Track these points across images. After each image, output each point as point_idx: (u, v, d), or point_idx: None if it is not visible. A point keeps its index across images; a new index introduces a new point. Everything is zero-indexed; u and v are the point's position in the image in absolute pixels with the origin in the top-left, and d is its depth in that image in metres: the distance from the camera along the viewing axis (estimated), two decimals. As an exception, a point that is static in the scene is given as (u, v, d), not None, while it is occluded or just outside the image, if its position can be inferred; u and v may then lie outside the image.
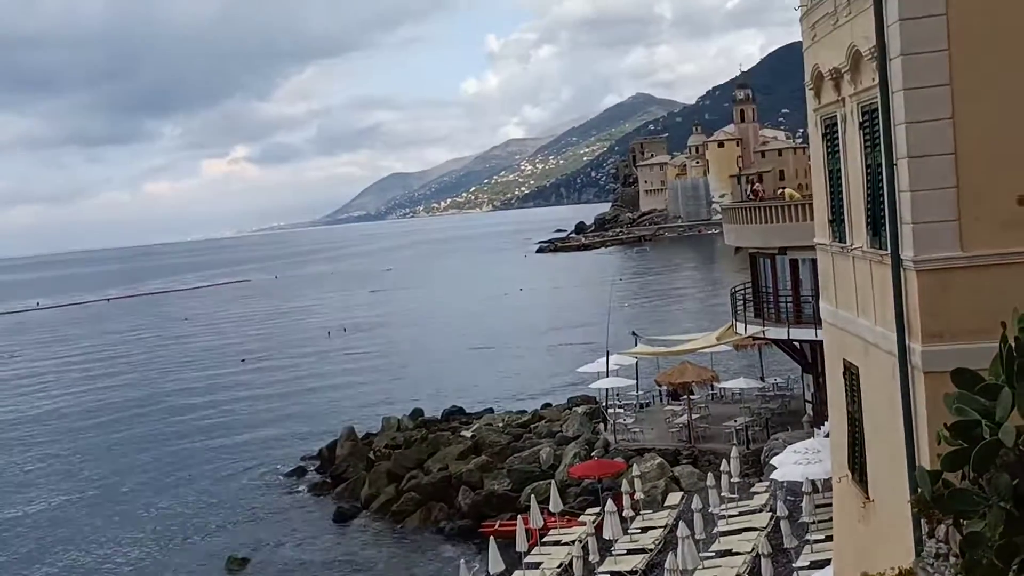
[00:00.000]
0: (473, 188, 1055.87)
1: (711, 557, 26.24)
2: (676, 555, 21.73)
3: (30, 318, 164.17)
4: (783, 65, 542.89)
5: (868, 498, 13.89)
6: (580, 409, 45.93)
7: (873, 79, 11.22)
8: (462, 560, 26.92)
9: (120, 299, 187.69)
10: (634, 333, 49.59)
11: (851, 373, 14.24)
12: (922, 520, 7.38)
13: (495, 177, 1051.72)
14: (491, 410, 53.85)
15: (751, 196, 45.86)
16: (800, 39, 15.40)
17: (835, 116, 13.49)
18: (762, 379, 44.29)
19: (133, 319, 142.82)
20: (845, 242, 13.60)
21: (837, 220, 14.05)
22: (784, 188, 54.61)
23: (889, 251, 11.16)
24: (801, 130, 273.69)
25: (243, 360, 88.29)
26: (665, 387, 42.78)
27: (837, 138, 13.52)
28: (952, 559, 5.86)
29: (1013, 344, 5.48)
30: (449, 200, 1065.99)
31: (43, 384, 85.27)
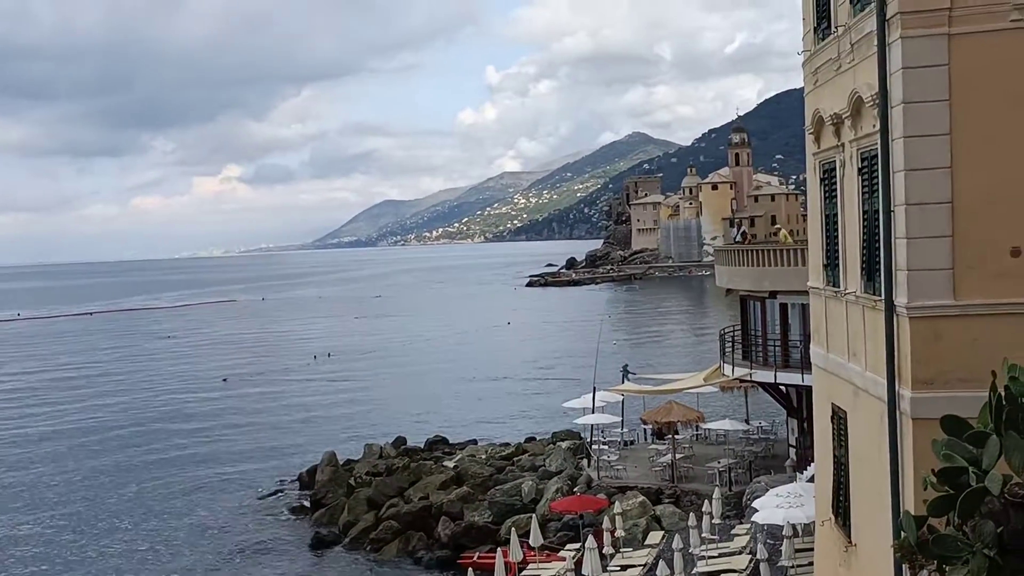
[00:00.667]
0: (466, 219, 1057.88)
1: (690, 598, 26.15)
2: (655, 594, 21.62)
3: (9, 329, 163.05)
4: (779, 111, 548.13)
5: (851, 542, 13.90)
6: (564, 444, 45.80)
7: (874, 126, 11.35)
8: (439, 590, 26.73)
9: (103, 314, 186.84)
10: (625, 367, 49.58)
11: (839, 417, 14.29)
12: (904, 565, 7.42)
13: (488, 209, 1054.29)
14: (475, 441, 53.65)
15: (740, 240, 46.05)
16: (798, 86, 15.59)
17: (834, 161, 13.62)
18: (747, 421, 44.29)
19: (115, 334, 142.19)
20: (839, 286, 13.69)
21: (832, 264, 14.15)
22: (779, 228, 54.98)
23: (883, 297, 11.24)
24: (794, 177, 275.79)
25: (225, 380, 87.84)
26: (650, 425, 42.74)
27: (835, 183, 13.65)
28: (933, 605, 5.88)
29: (1003, 393, 5.53)
30: (441, 230, 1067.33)
31: (16, 399, 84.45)
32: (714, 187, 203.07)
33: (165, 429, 65.94)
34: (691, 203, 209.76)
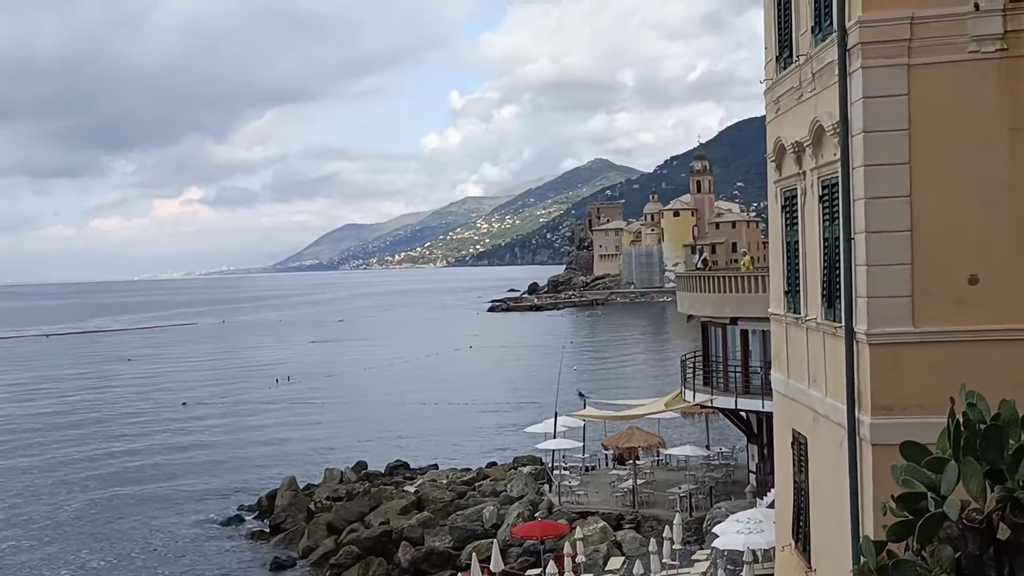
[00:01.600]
0: (428, 243, 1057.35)
1: (650, 624, 26.11)
2: (616, 620, 21.58)
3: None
4: (740, 139, 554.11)
5: (810, 567, 13.96)
6: (525, 469, 45.71)
7: (835, 154, 11.50)
8: (399, 616, 26.49)
9: (60, 335, 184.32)
10: (580, 393, 49.64)
11: (799, 443, 14.38)
12: (865, 591, 7.49)
13: (451, 233, 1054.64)
14: (436, 466, 53.40)
15: (701, 266, 46.34)
16: (759, 114, 15.75)
17: (795, 189, 13.77)
18: (708, 447, 44.42)
19: (72, 356, 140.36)
20: (800, 313, 13.80)
21: (792, 291, 14.27)
22: (745, 252, 55.34)
23: (843, 323, 11.35)
24: (755, 204, 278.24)
25: (184, 403, 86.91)
26: (611, 451, 42.75)
27: (796, 210, 13.79)
28: (894, 630, 5.92)
29: (961, 420, 5.60)
30: (403, 254, 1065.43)
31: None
32: (676, 214, 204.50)
33: (123, 453, 65.02)
34: (653, 229, 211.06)
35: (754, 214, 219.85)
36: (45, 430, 75.76)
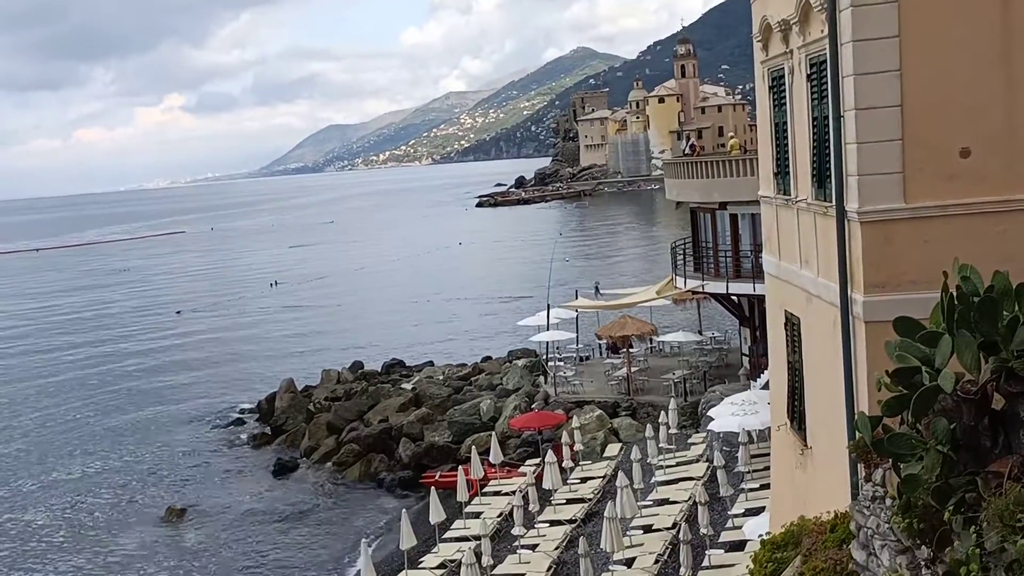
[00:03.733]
0: (412, 141, 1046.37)
1: (649, 506, 26.68)
2: (615, 504, 22.00)
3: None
4: (724, 21, 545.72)
5: (806, 445, 14.18)
6: (520, 362, 46.11)
7: (822, 31, 11.28)
8: (404, 510, 26.99)
9: (49, 250, 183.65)
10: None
11: (792, 324, 14.46)
12: (859, 465, 7.58)
13: (435, 130, 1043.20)
14: (431, 363, 53.81)
15: (689, 152, 46.02)
16: (743, -6, 15.39)
17: (782, 68, 13.55)
18: (700, 333, 44.83)
19: (63, 270, 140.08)
20: (790, 194, 13.73)
21: (782, 173, 14.17)
22: (732, 136, 54.95)
23: (834, 203, 11.30)
24: (740, 86, 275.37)
25: (178, 312, 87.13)
26: (605, 340, 43.11)
27: (784, 91, 13.60)
28: (888, 501, 6.01)
29: (954, 293, 5.60)
30: (388, 153, 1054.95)
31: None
32: (661, 100, 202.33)
33: (120, 363, 65.41)
34: (638, 117, 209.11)
35: (740, 97, 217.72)
36: (41, 345, 76.03)
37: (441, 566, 25.39)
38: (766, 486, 21.97)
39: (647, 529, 24.95)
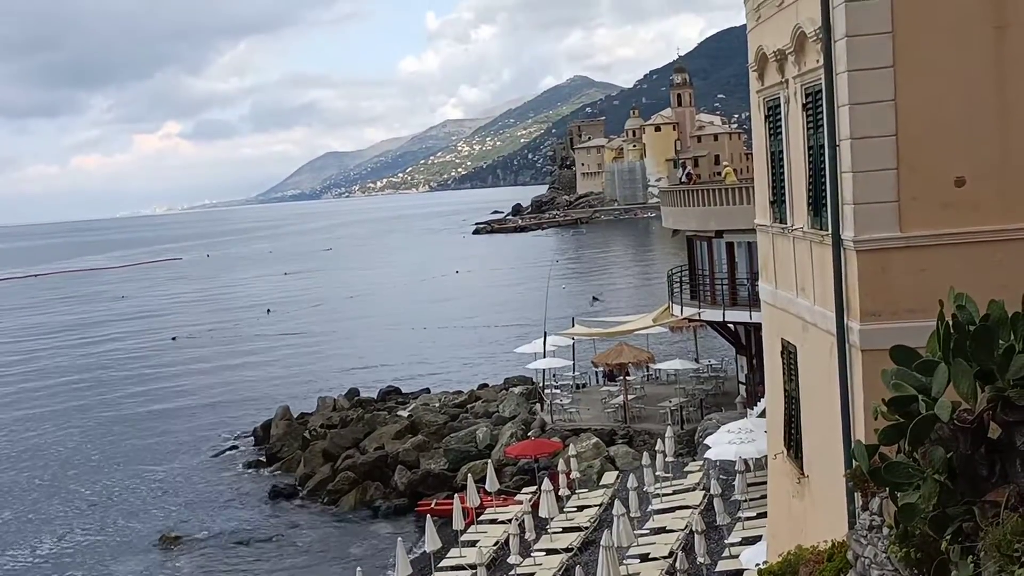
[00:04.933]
0: (409, 168, 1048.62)
1: (646, 534, 26.56)
2: (611, 533, 21.91)
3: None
4: (720, 50, 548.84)
5: (803, 474, 14.14)
6: (517, 389, 46.03)
7: (817, 60, 11.36)
8: (399, 538, 26.87)
9: (48, 276, 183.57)
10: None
11: (789, 352, 14.46)
12: (856, 493, 7.56)
13: (432, 157, 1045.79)
14: (428, 390, 53.75)
15: (685, 180, 46.18)
16: (738, 24, 15.49)
17: (778, 98, 13.63)
18: (697, 360, 44.80)
19: (61, 296, 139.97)
20: (786, 223, 13.77)
21: (778, 201, 14.21)
22: (726, 166, 55.13)
23: (830, 231, 11.33)
24: (736, 115, 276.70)
25: (174, 338, 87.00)
26: (602, 368, 43.08)
27: (780, 120, 13.67)
28: (886, 530, 6.00)
29: (950, 322, 5.62)
30: (385, 180, 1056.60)
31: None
32: (657, 128, 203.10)
33: (116, 390, 65.25)
34: (635, 145, 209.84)
35: (735, 126, 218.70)
36: (37, 371, 75.90)
37: (437, 595, 25.24)
38: (763, 515, 21.89)
39: (644, 558, 24.83)
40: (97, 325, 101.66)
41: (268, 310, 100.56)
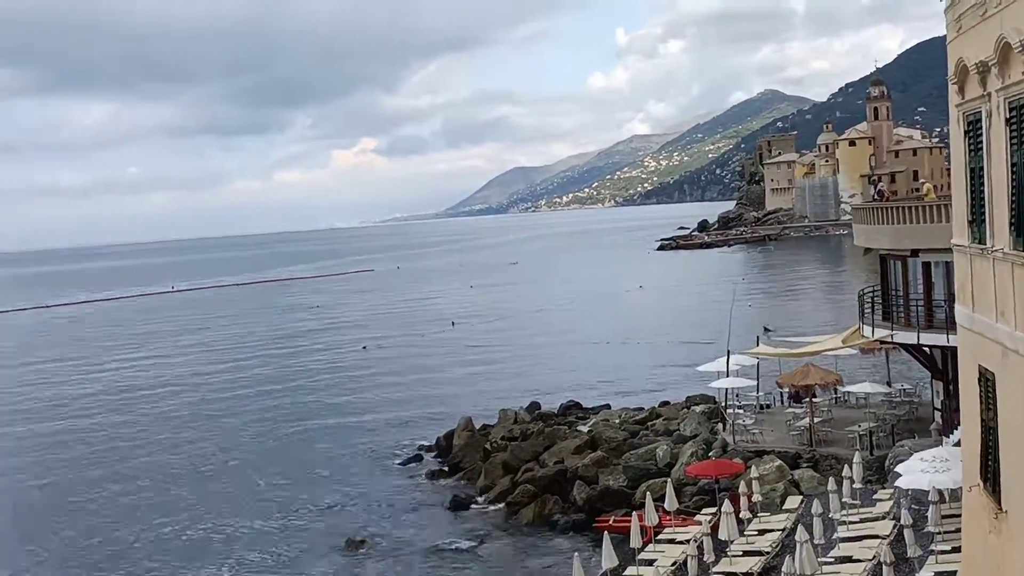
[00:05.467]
0: (595, 183, 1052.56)
1: (830, 563, 25.63)
2: (794, 559, 21.27)
3: (165, 301, 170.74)
4: (922, 61, 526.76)
5: (1001, 509, 13.40)
6: (698, 408, 45.37)
7: (1022, 72, 10.77)
8: (576, 554, 26.86)
9: (251, 284, 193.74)
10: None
11: (987, 379, 13.74)
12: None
13: (618, 173, 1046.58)
14: (608, 406, 53.61)
15: (876, 197, 44.44)
16: (940, 35, 14.90)
17: (979, 112, 13.00)
18: (889, 384, 43.06)
19: (262, 305, 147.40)
20: (986, 243, 13.11)
21: (978, 220, 13.55)
22: (924, 182, 52.94)
23: (1033, 253, 10.72)
24: (938, 129, 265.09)
25: (364, 347, 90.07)
26: (787, 389, 41.92)
27: (981, 135, 13.04)
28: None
29: None
30: (571, 195, 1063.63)
31: (170, 362, 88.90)
32: (851, 143, 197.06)
33: (307, 397, 68.16)
34: (827, 160, 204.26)
35: (937, 140, 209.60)
36: (235, 372, 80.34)
37: (612, 612, 25.09)
38: (957, 549, 20.82)
39: (828, 587, 23.98)
40: (294, 337, 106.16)
41: (453, 323, 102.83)
